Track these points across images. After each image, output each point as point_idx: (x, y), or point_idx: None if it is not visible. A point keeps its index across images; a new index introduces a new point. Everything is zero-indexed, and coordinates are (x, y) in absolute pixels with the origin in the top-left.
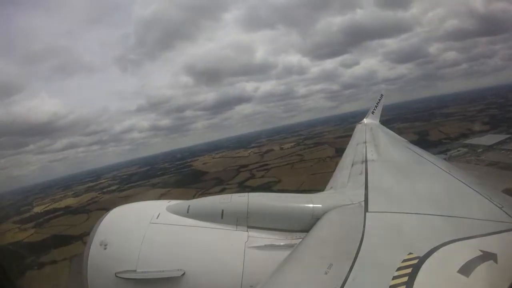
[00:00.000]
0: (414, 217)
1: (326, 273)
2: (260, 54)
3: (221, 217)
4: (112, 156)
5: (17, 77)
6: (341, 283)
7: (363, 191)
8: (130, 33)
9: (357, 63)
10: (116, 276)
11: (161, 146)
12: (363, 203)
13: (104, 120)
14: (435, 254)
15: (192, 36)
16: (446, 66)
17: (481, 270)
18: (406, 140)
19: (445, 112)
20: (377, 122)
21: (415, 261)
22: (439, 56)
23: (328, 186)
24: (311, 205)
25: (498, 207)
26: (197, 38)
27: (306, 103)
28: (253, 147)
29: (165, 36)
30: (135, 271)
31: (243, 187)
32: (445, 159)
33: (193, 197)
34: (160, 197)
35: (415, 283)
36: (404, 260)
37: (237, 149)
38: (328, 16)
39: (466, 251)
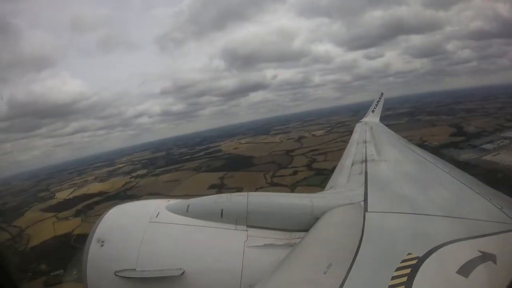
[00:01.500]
0: (414, 217)
1: (325, 273)
2: (298, 42)
3: (220, 216)
4: (115, 141)
5: (53, 50)
6: (340, 283)
7: (362, 191)
8: (184, 9)
9: (381, 56)
10: (116, 274)
11: (165, 131)
12: (362, 203)
13: (122, 103)
14: (434, 254)
15: (247, 16)
16: (457, 63)
17: (480, 270)
18: (406, 140)
19: (465, 108)
20: (377, 120)
21: (414, 262)
22: (454, 54)
23: (328, 186)
24: (310, 205)
25: (498, 207)
26: (250, 20)
27: (315, 92)
28: (276, 133)
29: (220, 15)
30: (134, 269)
31: (316, 170)
32: (494, 148)
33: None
34: (221, 180)
35: (414, 283)
36: (403, 261)
37: (256, 135)
38: (375, 9)
39: (465, 251)
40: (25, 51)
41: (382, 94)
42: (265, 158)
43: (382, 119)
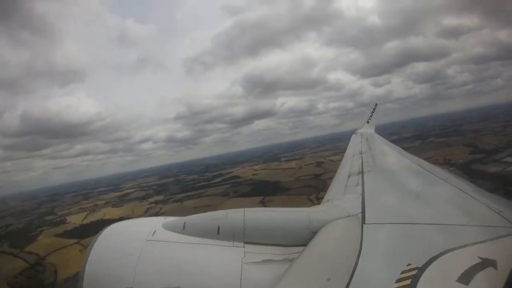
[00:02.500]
0: (412, 227)
1: (324, 287)
2: (316, 70)
3: (217, 233)
4: (113, 166)
5: (83, 64)
6: None
7: (360, 203)
8: (223, 32)
9: (388, 83)
10: None
11: (164, 158)
12: (360, 215)
13: (134, 126)
14: (434, 264)
15: (281, 44)
16: (454, 87)
17: (481, 277)
18: (401, 149)
19: (471, 129)
20: (372, 131)
21: (414, 272)
22: (453, 78)
23: (325, 199)
24: (308, 219)
25: (496, 212)
26: (283, 47)
27: (315, 120)
28: (288, 160)
29: (256, 40)
30: None
31: None
32: None
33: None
34: (264, 205)
35: None
36: (403, 272)
37: (267, 162)
38: (394, 39)
39: (465, 259)
40: (57, 60)
41: (376, 104)
42: (295, 182)
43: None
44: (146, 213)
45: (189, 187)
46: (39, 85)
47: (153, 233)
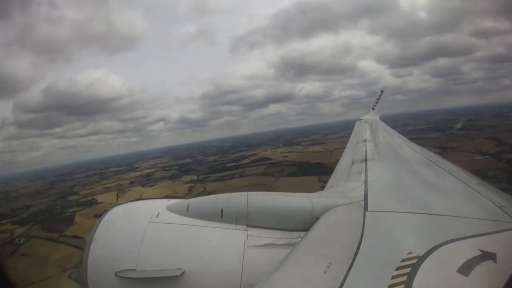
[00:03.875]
0: (414, 216)
1: (325, 272)
2: (350, 57)
3: (220, 216)
4: (115, 148)
5: (137, 32)
6: (340, 282)
7: (362, 190)
8: (280, 13)
9: (409, 75)
10: (116, 275)
11: (165, 140)
12: (362, 202)
13: (155, 105)
14: (434, 253)
15: (334, 28)
16: (465, 83)
17: (480, 269)
18: (405, 138)
19: (487, 124)
20: (377, 118)
21: (415, 261)
22: (467, 75)
23: (327, 185)
24: (310, 204)
25: (498, 206)
26: (336, 31)
27: (324, 107)
28: (310, 144)
29: (313, 23)
30: (134, 270)
31: None
32: None
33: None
34: (324, 183)
35: (414, 282)
36: (404, 260)
37: (285, 146)
38: (430, 35)
39: (465, 250)
40: (98, 26)
41: (382, 91)
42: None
43: (406, 134)
44: (192, 192)
45: (219, 167)
46: (76, 54)
47: (157, 215)
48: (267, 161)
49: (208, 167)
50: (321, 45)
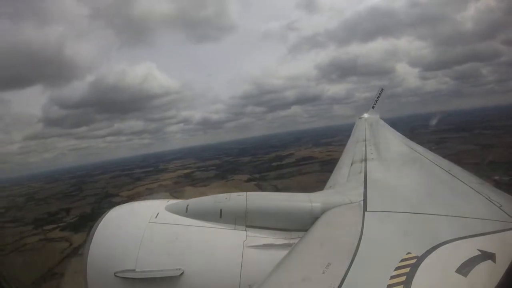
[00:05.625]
0: (413, 216)
1: (324, 273)
2: (391, 61)
3: (219, 216)
4: (124, 150)
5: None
6: (339, 282)
7: (362, 190)
8: (354, 16)
9: (435, 77)
10: (115, 275)
11: (177, 142)
12: (362, 202)
13: (188, 105)
14: (433, 253)
15: (394, 33)
16: (478, 85)
17: (479, 269)
18: (406, 137)
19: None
20: (377, 117)
21: (414, 261)
22: (485, 77)
23: (327, 185)
24: (309, 204)
25: (497, 206)
26: (395, 35)
27: (338, 109)
28: (340, 144)
29: (374, 29)
30: (134, 270)
31: None
32: None
33: None
34: None
35: (413, 282)
36: (403, 260)
37: (316, 146)
38: (472, 42)
39: (464, 250)
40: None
41: (382, 89)
42: None
43: (435, 133)
44: (267, 190)
45: (265, 166)
46: (151, 40)
47: (156, 216)
48: (314, 160)
49: (253, 167)
50: (375, 48)
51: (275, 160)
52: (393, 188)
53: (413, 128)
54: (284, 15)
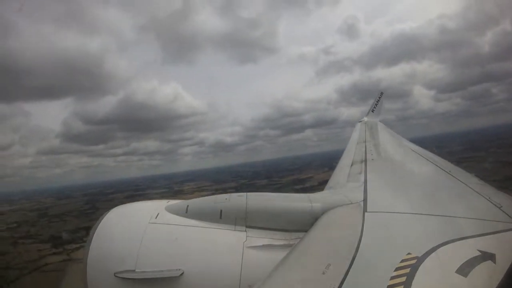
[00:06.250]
0: (413, 217)
1: (323, 273)
2: (408, 84)
3: (219, 217)
4: (133, 170)
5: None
6: (339, 283)
7: (362, 191)
8: (385, 41)
9: (448, 99)
10: (115, 276)
11: (187, 164)
12: (362, 203)
13: (206, 127)
14: (433, 254)
15: (415, 59)
16: (487, 104)
17: (480, 270)
18: (405, 139)
19: None
20: (377, 120)
21: (414, 261)
22: (495, 96)
23: (327, 186)
24: (309, 205)
25: (497, 206)
26: (416, 60)
27: (349, 132)
28: None
29: (399, 54)
30: (134, 271)
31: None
32: None
33: None
34: None
35: (413, 283)
36: (403, 260)
37: (330, 170)
38: (490, 63)
39: (464, 251)
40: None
41: (381, 93)
42: None
43: (451, 154)
44: None
45: (288, 189)
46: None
47: (156, 216)
48: None
49: (274, 189)
50: (396, 72)
51: (296, 183)
52: (393, 189)
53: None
54: (323, 39)
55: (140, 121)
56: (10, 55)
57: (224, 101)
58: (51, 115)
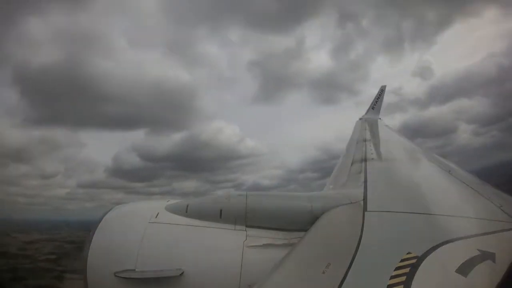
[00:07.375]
0: (413, 216)
1: (323, 273)
2: (456, 121)
3: (219, 216)
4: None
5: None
6: (339, 282)
7: (362, 190)
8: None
9: (489, 132)
10: (115, 275)
11: None
12: (362, 202)
13: (254, 169)
14: (433, 253)
15: (465, 95)
16: None
17: (479, 269)
18: (405, 138)
19: None
20: (377, 117)
21: (414, 261)
22: None
23: (327, 185)
24: (310, 204)
25: (497, 206)
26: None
27: None
28: None
29: (450, 92)
30: (134, 270)
31: None
32: None
33: None
34: None
35: (413, 282)
36: (403, 260)
37: None
38: None
39: (464, 250)
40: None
41: (382, 89)
42: None
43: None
44: None
45: None
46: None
47: (156, 216)
48: None
49: None
50: (446, 110)
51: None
52: (393, 188)
53: None
54: (398, 80)
55: (195, 161)
56: (98, 77)
57: (283, 143)
58: (115, 146)
